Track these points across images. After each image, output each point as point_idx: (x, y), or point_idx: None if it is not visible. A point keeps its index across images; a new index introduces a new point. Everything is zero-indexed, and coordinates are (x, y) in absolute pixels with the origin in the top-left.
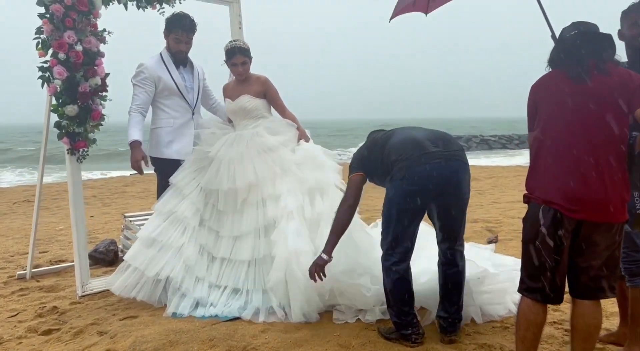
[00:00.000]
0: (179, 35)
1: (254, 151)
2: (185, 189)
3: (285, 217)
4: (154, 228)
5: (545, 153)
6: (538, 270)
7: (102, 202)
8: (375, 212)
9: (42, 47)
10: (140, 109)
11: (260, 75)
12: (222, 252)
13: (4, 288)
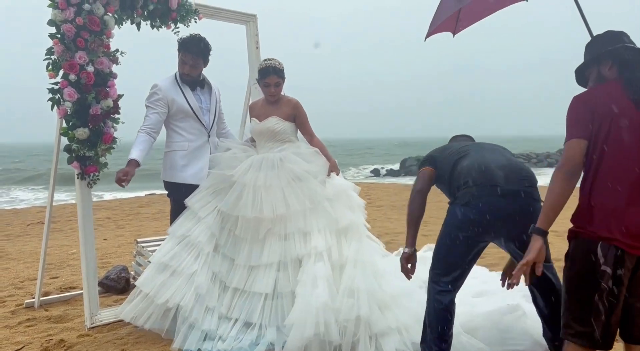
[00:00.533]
0: (185, 57)
1: (284, 179)
2: (201, 212)
3: (313, 257)
4: (166, 252)
5: (604, 185)
6: (589, 314)
7: (116, 224)
8: (394, 236)
9: (52, 68)
10: (148, 130)
11: (292, 98)
12: (235, 282)
13: (12, 318)
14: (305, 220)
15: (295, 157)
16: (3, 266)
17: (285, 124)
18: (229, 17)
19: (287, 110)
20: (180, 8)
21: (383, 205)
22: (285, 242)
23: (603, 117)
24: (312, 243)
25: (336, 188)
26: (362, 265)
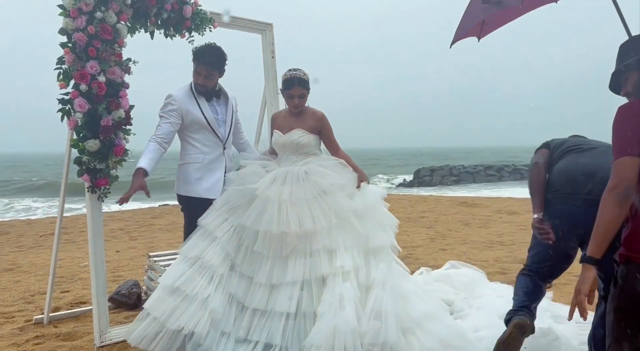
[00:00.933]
0: (199, 68)
1: (309, 192)
2: (216, 231)
3: (340, 276)
4: (178, 276)
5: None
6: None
7: (129, 236)
8: (412, 250)
9: (63, 78)
10: (159, 139)
11: (317, 110)
12: (256, 302)
13: (20, 335)
14: (331, 236)
15: (322, 170)
16: (14, 279)
17: (309, 137)
18: (244, 26)
19: (312, 123)
20: (194, 16)
21: (398, 217)
22: (310, 259)
23: None
24: (339, 262)
25: (366, 202)
26: (390, 287)
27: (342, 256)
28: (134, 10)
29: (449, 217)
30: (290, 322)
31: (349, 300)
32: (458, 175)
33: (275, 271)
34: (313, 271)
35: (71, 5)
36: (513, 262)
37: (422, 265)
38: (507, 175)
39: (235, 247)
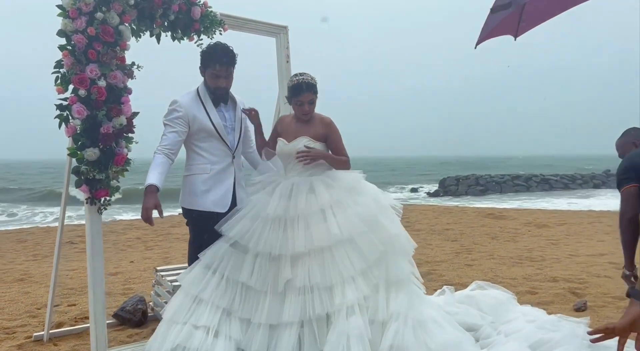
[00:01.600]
0: (216, 70)
1: (316, 206)
2: (202, 294)
3: (343, 312)
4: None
5: None
6: None
7: (145, 245)
8: (435, 265)
9: (61, 82)
10: (166, 150)
11: (325, 116)
12: (256, 346)
13: None
14: (325, 268)
15: (330, 181)
16: (23, 290)
17: (316, 145)
18: (257, 28)
19: (319, 130)
20: (203, 18)
21: (422, 229)
22: (306, 296)
23: None
24: (338, 299)
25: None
26: (411, 320)
27: (342, 290)
28: (138, 11)
29: (474, 230)
30: None
31: (356, 339)
32: (485, 184)
33: (274, 310)
34: (312, 310)
35: (70, 5)
36: (543, 280)
37: (445, 283)
38: (536, 185)
39: (230, 296)
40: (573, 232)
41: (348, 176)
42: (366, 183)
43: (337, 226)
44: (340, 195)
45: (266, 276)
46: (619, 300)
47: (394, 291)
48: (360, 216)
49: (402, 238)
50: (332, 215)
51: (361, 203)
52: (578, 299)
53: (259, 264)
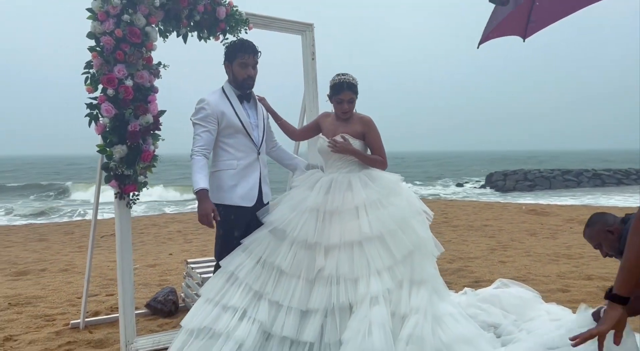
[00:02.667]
0: (245, 59)
1: (351, 203)
2: (239, 273)
3: (367, 302)
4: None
5: None
6: None
7: (185, 238)
8: (468, 261)
9: (90, 82)
10: (204, 151)
11: (364, 115)
12: (286, 330)
13: (55, 339)
14: (355, 261)
15: (366, 178)
16: (66, 280)
17: (355, 143)
18: (284, 27)
19: (358, 128)
20: (229, 18)
21: (459, 225)
22: (333, 287)
23: None
24: (362, 289)
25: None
26: (431, 316)
27: (367, 281)
28: (164, 12)
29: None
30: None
31: (377, 326)
32: (533, 180)
33: (304, 296)
34: (337, 299)
35: (99, 8)
36: (578, 278)
37: (476, 280)
38: (587, 180)
39: (263, 280)
40: None
41: (387, 177)
42: (403, 185)
43: (368, 224)
44: (376, 195)
45: (300, 263)
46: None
47: (416, 288)
48: (392, 216)
49: (429, 241)
50: (365, 213)
51: (395, 204)
52: None
53: (294, 251)
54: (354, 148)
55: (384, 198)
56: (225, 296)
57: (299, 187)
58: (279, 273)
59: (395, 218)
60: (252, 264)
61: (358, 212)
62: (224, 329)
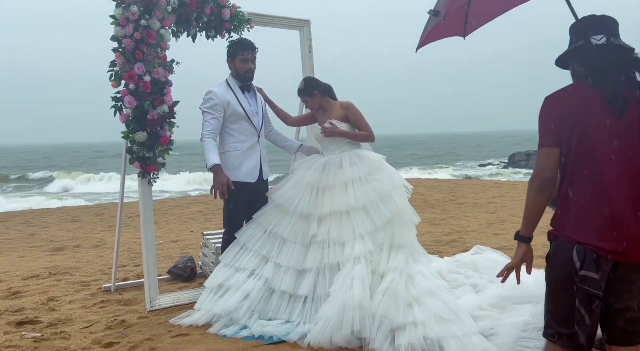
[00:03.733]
0: (245, 55)
1: (340, 180)
2: (249, 243)
3: (351, 261)
4: (220, 278)
5: (577, 190)
6: (570, 316)
7: (205, 217)
8: (464, 234)
9: (115, 79)
10: (213, 135)
11: (344, 101)
12: (284, 285)
13: (90, 299)
14: (342, 228)
15: (355, 158)
16: (98, 254)
17: (342, 125)
18: (283, 23)
19: (340, 112)
20: (233, 18)
21: (465, 202)
22: (324, 250)
23: (574, 123)
24: (348, 250)
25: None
26: (405, 275)
27: (352, 244)
28: (176, 16)
29: None
30: (307, 304)
31: (358, 280)
32: None
33: (299, 258)
34: (327, 260)
35: (120, 15)
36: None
37: (466, 249)
38: None
39: (269, 247)
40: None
41: (372, 156)
42: (385, 164)
43: (355, 197)
44: (362, 172)
45: (297, 230)
46: None
47: (395, 251)
48: (375, 190)
49: (407, 211)
50: (352, 188)
51: (378, 179)
52: None
53: (293, 221)
54: (340, 130)
55: (368, 174)
56: (238, 261)
57: (299, 169)
58: (282, 241)
59: (377, 192)
60: (260, 234)
61: (346, 187)
62: (235, 284)
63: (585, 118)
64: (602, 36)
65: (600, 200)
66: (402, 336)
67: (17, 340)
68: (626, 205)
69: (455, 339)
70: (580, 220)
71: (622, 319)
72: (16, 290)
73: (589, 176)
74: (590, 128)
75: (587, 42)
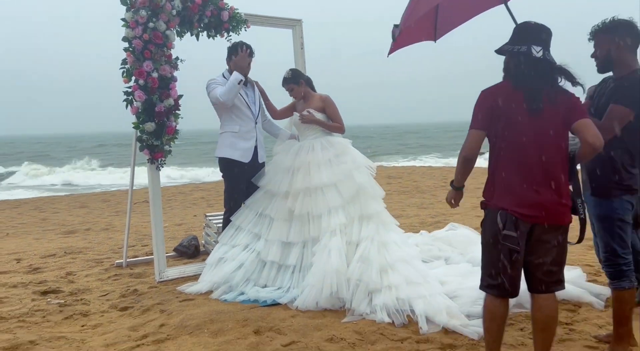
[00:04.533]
0: (245, 52)
1: (314, 162)
2: (243, 224)
3: (328, 234)
4: (218, 253)
5: (502, 168)
6: (497, 269)
7: (208, 203)
8: (448, 216)
9: (126, 75)
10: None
11: (322, 94)
12: (272, 256)
13: (104, 273)
14: (318, 204)
15: (326, 143)
16: (108, 236)
17: (318, 115)
18: (277, 23)
19: (317, 104)
20: (231, 19)
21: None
22: (305, 225)
23: (501, 113)
24: (324, 224)
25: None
26: (377, 242)
27: (327, 219)
28: (180, 18)
29: None
30: (296, 273)
31: (334, 250)
32: None
33: (283, 231)
34: (309, 234)
35: (130, 18)
36: None
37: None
38: None
39: (260, 226)
40: None
41: (340, 141)
42: (351, 147)
43: (326, 175)
44: (330, 155)
45: (281, 208)
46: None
47: (365, 222)
48: (341, 170)
49: (368, 186)
50: (324, 168)
51: (344, 161)
52: None
53: (276, 201)
54: (316, 119)
55: (336, 157)
56: (234, 239)
57: (280, 153)
58: (271, 220)
59: (344, 171)
60: (253, 216)
61: (319, 167)
62: (231, 256)
63: (509, 112)
64: (541, 49)
65: (520, 177)
66: (378, 298)
67: (44, 305)
68: (539, 181)
69: (423, 299)
70: (504, 191)
71: (540, 272)
72: (36, 267)
73: (512, 158)
74: (513, 121)
75: (529, 51)
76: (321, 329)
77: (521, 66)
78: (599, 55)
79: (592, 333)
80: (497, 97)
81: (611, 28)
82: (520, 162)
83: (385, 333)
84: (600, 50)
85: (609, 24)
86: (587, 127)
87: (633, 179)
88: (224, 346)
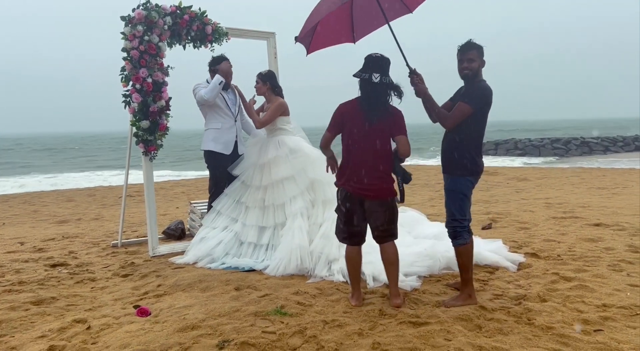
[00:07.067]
0: (228, 64)
1: (271, 157)
2: (222, 209)
3: (291, 218)
4: (201, 234)
5: (347, 161)
6: (345, 227)
7: (188, 197)
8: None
9: (125, 80)
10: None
11: (281, 100)
12: (250, 238)
13: (102, 251)
14: (280, 193)
15: (282, 141)
16: (99, 224)
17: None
18: (254, 35)
19: (273, 103)
20: (214, 32)
21: (417, 184)
22: (272, 212)
23: (346, 124)
24: (288, 210)
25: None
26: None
27: (290, 206)
28: (171, 32)
29: None
30: (269, 251)
31: (297, 229)
32: (523, 148)
33: (260, 217)
34: (278, 219)
35: (129, 32)
36: (482, 213)
37: None
38: (575, 148)
39: (238, 210)
40: (545, 183)
41: (291, 139)
42: (304, 144)
43: (283, 170)
44: (286, 151)
45: (254, 197)
46: (519, 223)
47: (328, 206)
48: (296, 163)
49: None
50: (281, 164)
51: (298, 156)
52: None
53: (251, 191)
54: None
55: (291, 153)
56: (214, 222)
57: (249, 147)
58: (246, 207)
59: (298, 164)
60: (230, 203)
61: (278, 164)
62: (212, 236)
63: (353, 122)
64: (379, 75)
65: (356, 167)
66: (335, 265)
67: (57, 273)
68: (366, 171)
69: (371, 264)
70: (346, 176)
71: (377, 230)
72: (40, 248)
73: (352, 154)
74: (355, 129)
75: (370, 77)
76: (289, 287)
77: (365, 88)
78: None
79: (502, 287)
80: (346, 110)
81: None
82: (357, 156)
83: (341, 289)
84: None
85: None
86: (400, 142)
87: (474, 163)
88: (211, 298)
